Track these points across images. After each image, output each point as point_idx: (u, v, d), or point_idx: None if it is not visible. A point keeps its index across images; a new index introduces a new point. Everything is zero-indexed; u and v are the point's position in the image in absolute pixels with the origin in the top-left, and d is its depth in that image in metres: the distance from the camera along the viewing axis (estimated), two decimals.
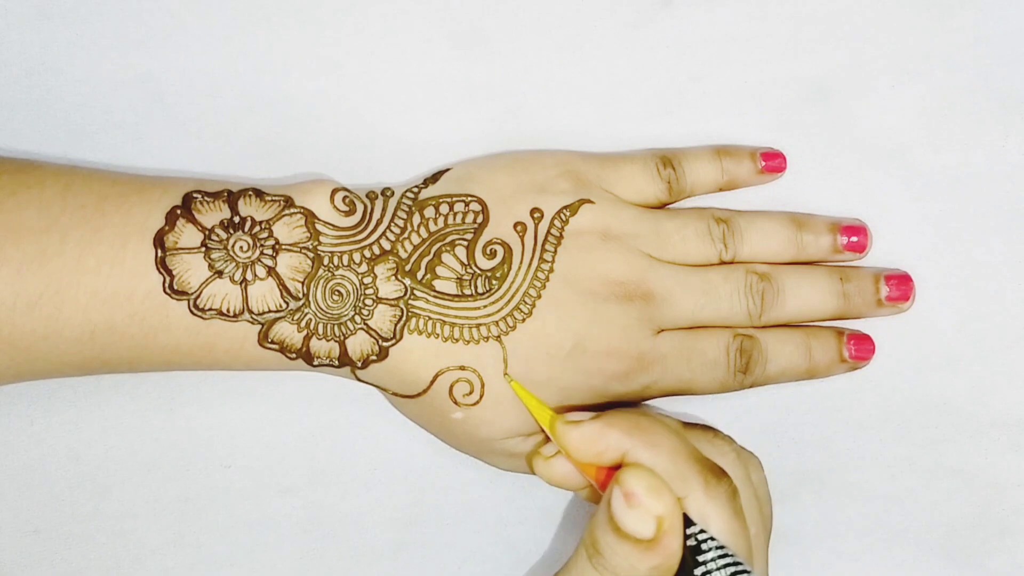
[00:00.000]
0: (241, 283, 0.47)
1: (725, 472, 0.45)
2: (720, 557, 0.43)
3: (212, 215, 0.48)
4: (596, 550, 0.43)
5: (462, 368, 0.48)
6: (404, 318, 0.48)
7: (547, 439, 0.49)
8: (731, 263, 0.52)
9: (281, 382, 0.52)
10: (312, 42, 0.53)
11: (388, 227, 0.49)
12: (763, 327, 0.53)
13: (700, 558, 0.42)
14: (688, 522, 0.43)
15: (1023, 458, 0.55)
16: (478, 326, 0.48)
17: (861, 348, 0.53)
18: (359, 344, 0.48)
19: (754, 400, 0.54)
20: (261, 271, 0.47)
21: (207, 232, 0.47)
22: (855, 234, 0.54)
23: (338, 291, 0.48)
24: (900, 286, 0.53)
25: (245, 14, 0.53)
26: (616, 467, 0.44)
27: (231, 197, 0.48)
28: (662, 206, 0.53)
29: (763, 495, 0.48)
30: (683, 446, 0.45)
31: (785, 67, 0.54)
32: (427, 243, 0.49)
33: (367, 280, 0.48)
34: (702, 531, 0.43)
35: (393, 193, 0.50)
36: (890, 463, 0.55)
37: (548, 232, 0.50)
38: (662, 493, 0.42)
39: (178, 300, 0.47)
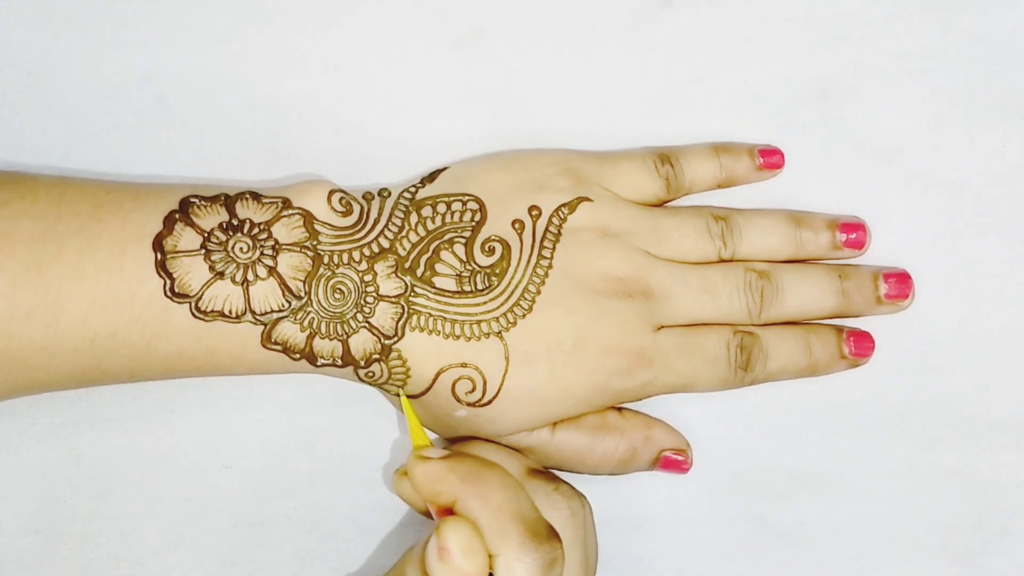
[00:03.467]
0: (242, 284, 0.47)
1: (552, 536, 0.44)
2: None
3: (210, 218, 0.48)
4: None
5: (464, 365, 0.48)
6: (405, 315, 0.48)
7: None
8: (730, 261, 0.53)
9: (282, 383, 0.52)
10: (311, 43, 0.53)
11: (386, 226, 0.49)
12: (763, 324, 0.53)
13: None
14: None
15: (1023, 458, 0.55)
16: (479, 322, 0.48)
17: (861, 345, 0.54)
18: (361, 342, 0.48)
19: (754, 400, 0.54)
20: (262, 271, 0.47)
21: (206, 235, 0.47)
22: (854, 231, 0.54)
23: (339, 289, 0.48)
24: (899, 284, 0.53)
25: (245, 16, 0.53)
26: (450, 510, 0.45)
27: (228, 200, 0.48)
28: (661, 204, 0.53)
29: (592, 544, 0.49)
30: (511, 503, 0.44)
31: (785, 67, 0.54)
32: (425, 241, 0.49)
33: (367, 278, 0.48)
34: None
35: (390, 193, 0.50)
36: (890, 463, 0.55)
37: (546, 229, 0.50)
38: (473, 555, 0.43)
39: (180, 303, 0.46)
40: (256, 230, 0.48)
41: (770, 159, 0.54)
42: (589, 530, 0.49)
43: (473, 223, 0.49)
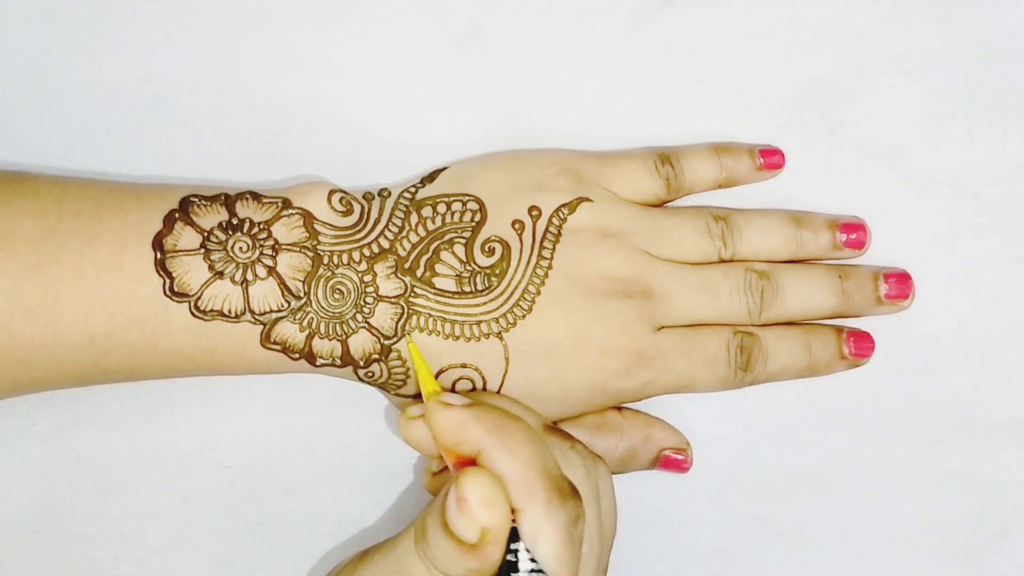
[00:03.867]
0: (242, 283, 0.47)
1: (575, 494, 0.44)
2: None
3: (210, 217, 0.48)
4: (423, 536, 0.43)
5: (464, 366, 0.48)
6: (405, 316, 0.48)
7: (420, 400, 0.48)
8: (730, 261, 0.53)
9: (282, 383, 0.52)
10: (311, 43, 0.53)
11: (386, 226, 0.49)
12: (763, 325, 0.53)
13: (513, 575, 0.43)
14: (515, 536, 0.43)
15: (1023, 458, 0.55)
16: (479, 323, 0.48)
17: (861, 345, 0.54)
18: (361, 343, 0.48)
19: (754, 400, 0.54)
20: (261, 271, 0.47)
21: (206, 234, 0.47)
22: (854, 231, 0.54)
23: (339, 289, 0.48)
24: (899, 284, 0.53)
25: (245, 16, 0.53)
26: (469, 460, 0.44)
27: (228, 200, 0.48)
28: (661, 204, 0.53)
29: (607, 508, 0.48)
30: (538, 458, 0.44)
31: (785, 67, 0.54)
32: (425, 241, 0.49)
33: (367, 278, 0.48)
34: (526, 549, 0.43)
35: (390, 194, 0.50)
36: (890, 463, 0.55)
37: (546, 230, 0.50)
38: (493, 506, 0.42)
39: (179, 302, 0.47)
40: (256, 230, 0.48)
41: (770, 159, 0.54)
42: (604, 490, 0.48)
43: (473, 223, 0.49)
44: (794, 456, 0.55)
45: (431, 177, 0.51)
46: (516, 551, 0.43)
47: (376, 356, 0.48)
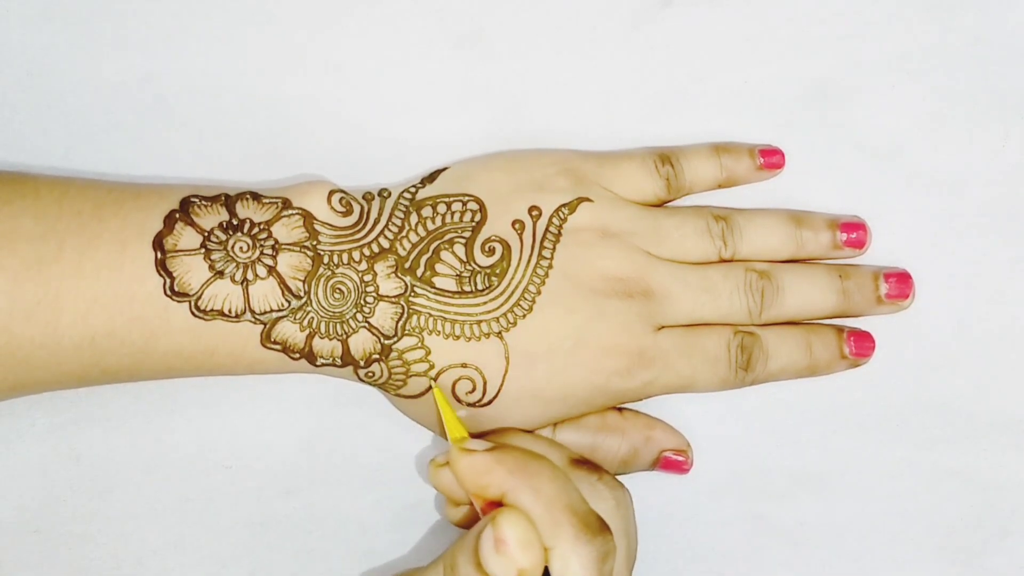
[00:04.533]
0: (242, 283, 0.47)
1: (605, 528, 0.44)
2: None
3: (210, 217, 0.48)
4: (453, 572, 0.43)
5: (464, 366, 0.48)
6: (405, 315, 0.48)
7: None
8: (731, 261, 0.53)
9: (282, 383, 0.52)
10: (311, 43, 0.53)
11: (386, 226, 0.49)
12: (763, 325, 0.53)
13: None
14: (547, 573, 0.43)
15: (1023, 458, 0.55)
16: (479, 323, 0.48)
17: (861, 345, 0.54)
18: (361, 342, 0.48)
19: (754, 400, 0.54)
20: (262, 271, 0.47)
21: (206, 234, 0.47)
22: (854, 230, 0.54)
23: (339, 289, 0.48)
24: (900, 283, 0.53)
25: (245, 16, 0.53)
26: (497, 502, 0.44)
27: (228, 200, 0.48)
28: (661, 204, 0.53)
29: (633, 538, 0.48)
30: (563, 494, 0.44)
31: (785, 67, 0.54)
32: (425, 241, 0.49)
33: (367, 278, 0.48)
34: None
35: (390, 194, 0.50)
36: (890, 463, 0.55)
37: (547, 230, 0.50)
38: (530, 548, 0.42)
39: (179, 302, 0.47)
40: (256, 230, 0.48)
41: (770, 159, 0.54)
42: (631, 520, 0.48)
43: (473, 223, 0.49)
44: (794, 456, 0.55)
45: (431, 177, 0.51)
46: None
47: (376, 356, 0.48)
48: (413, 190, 0.50)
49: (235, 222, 0.48)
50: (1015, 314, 0.55)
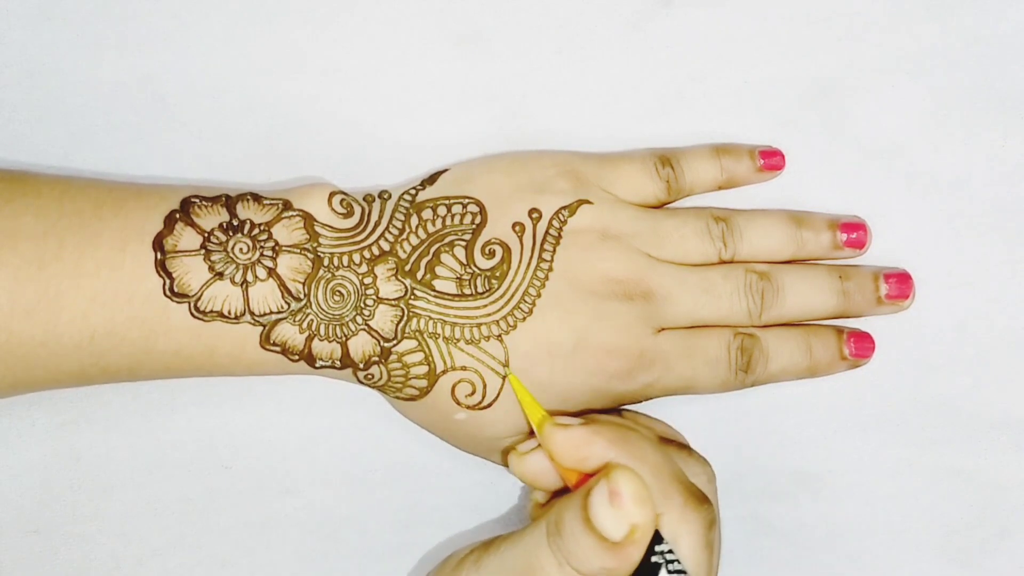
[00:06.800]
0: (242, 284, 0.47)
1: (707, 499, 0.44)
2: None
3: (211, 218, 0.48)
4: (558, 530, 0.42)
5: (464, 368, 0.48)
6: (405, 318, 0.48)
7: (530, 435, 0.48)
8: (731, 262, 0.52)
9: (282, 383, 0.52)
10: (311, 43, 0.53)
11: (387, 228, 0.49)
12: (763, 326, 0.53)
13: None
14: (659, 539, 0.43)
15: (1023, 458, 0.55)
16: (479, 325, 0.48)
17: (861, 346, 0.54)
18: (361, 345, 0.48)
19: (754, 400, 0.54)
20: (262, 272, 0.47)
21: (206, 235, 0.47)
22: (854, 231, 0.54)
23: (339, 291, 0.48)
24: (900, 284, 0.53)
25: (245, 16, 0.53)
26: (593, 475, 0.44)
27: (229, 201, 0.48)
28: (661, 205, 0.53)
29: (718, 517, 0.48)
30: (667, 464, 0.44)
31: (785, 67, 0.54)
32: (426, 244, 0.49)
33: (367, 280, 0.48)
34: (670, 551, 0.43)
35: (391, 196, 0.50)
36: (890, 463, 0.55)
37: (547, 232, 0.50)
38: (646, 504, 0.41)
39: (179, 303, 0.47)
40: (256, 231, 0.48)
41: (770, 160, 0.54)
42: (717, 497, 0.48)
43: (473, 226, 0.49)
44: (794, 456, 0.55)
45: (431, 179, 0.51)
46: (661, 552, 0.42)
47: (376, 358, 0.48)
48: (413, 192, 0.50)
49: (235, 223, 0.48)
50: (1015, 314, 0.55)
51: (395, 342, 0.48)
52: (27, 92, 0.52)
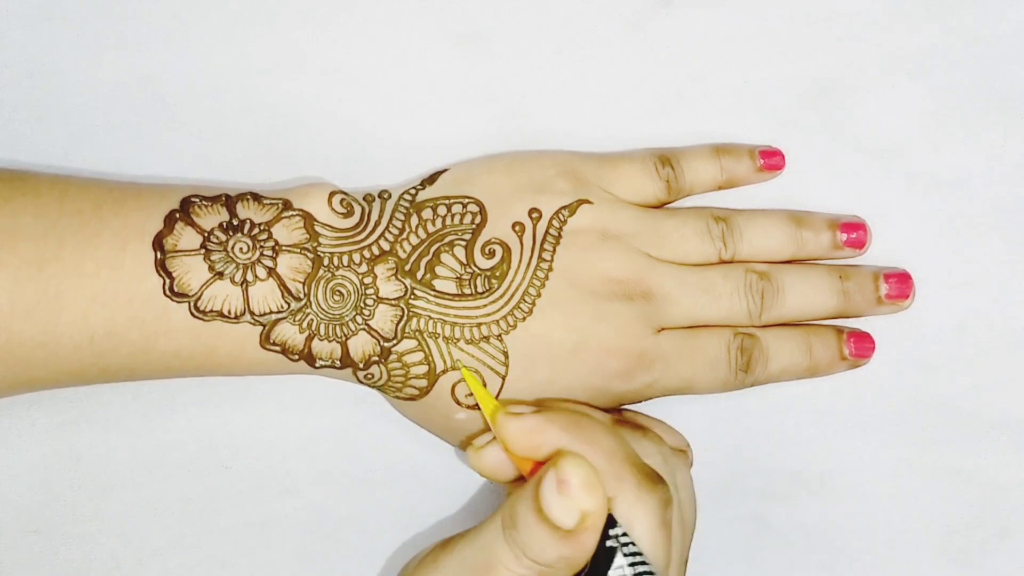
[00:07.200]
0: (242, 284, 0.47)
1: (662, 479, 0.44)
2: (635, 564, 0.42)
3: (211, 218, 0.48)
4: (512, 523, 0.42)
5: (464, 368, 0.48)
6: (405, 318, 0.48)
7: (486, 430, 0.48)
8: (731, 262, 0.52)
9: (282, 383, 0.52)
10: (311, 43, 0.53)
11: (387, 228, 0.49)
12: (763, 326, 0.53)
13: (616, 561, 0.42)
14: (612, 523, 0.43)
15: (1023, 458, 0.55)
16: (479, 325, 0.48)
17: (861, 346, 0.54)
18: (361, 345, 0.48)
19: (754, 400, 0.54)
20: (261, 272, 0.47)
21: (206, 234, 0.47)
22: (854, 230, 0.54)
23: (339, 291, 0.48)
24: (900, 284, 0.53)
25: (245, 16, 0.53)
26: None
27: (229, 201, 0.48)
28: (661, 205, 0.53)
29: (686, 499, 0.48)
30: (620, 447, 0.44)
31: (785, 67, 0.54)
32: (426, 243, 0.49)
33: (367, 280, 0.48)
34: (624, 535, 0.43)
35: (390, 195, 0.50)
36: (890, 463, 0.55)
37: (547, 232, 0.50)
38: (595, 489, 0.41)
39: (178, 302, 0.47)
40: (256, 231, 0.48)
41: (770, 160, 0.54)
42: (682, 481, 0.48)
43: (473, 226, 0.49)
44: (794, 456, 0.55)
45: (431, 179, 0.51)
46: (616, 536, 0.42)
47: (376, 358, 0.48)
48: (413, 192, 0.50)
49: (235, 223, 0.48)
50: (1015, 314, 0.55)
51: (395, 342, 0.48)
52: (27, 92, 0.52)
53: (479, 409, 0.48)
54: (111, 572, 0.54)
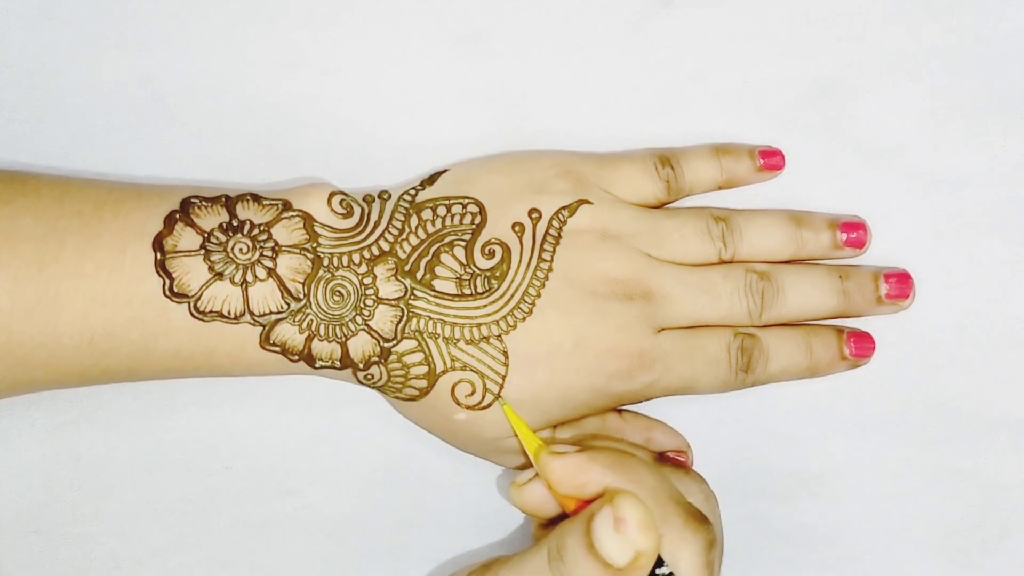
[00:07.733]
0: (241, 284, 0.47)
1: (707, 520, 0.45)
2: None
3: (210, 219, 0.48)
4: (560, 555, 0.43)
5: (464, 369, 0.48)
6: (405, 318, 0.48)
7: (527, 465, 0.49)
8: (731, 262, 0.52)
9: (282, 383, 0.52)
10: (311, 43, 0.53)
11: (386, 229, 0.49)
12: (763, 326, 0.53)
13: None
14: (659, 561, 0.43)
15: (1023, 458, 0.55)
16: (479, 325, 0.48)
17: (861, 346, 0.54)
18: (360, 345, 0.48)
19: (754, 400, 0.54)
20: (261, 272, 0.47)
21: (206, 235, 0.47)
22: (854, 230, 0.54)
23: (339, 292, 0.48)
24: (900, 284, 0.53)
25: (245, 16, 0.53)
26: (591, 500, 0.44)
27: (229, 201, 0.48)
28: (661, 205, 0.53)
29: (720, 535, 0.48)
30: (664, 486, 0.44)
31: (785, 67, 0.54)
32: (425, 244, 0.49)
33: (367, 280, 0.48)
34: (671, 574, 0.43)
35: (390, 196, 0.50)
36: (890, 463, 0.55)
37: (546, 232, 0.50)
38: (651, 530, 0.41)
39: (178, 303, 0.47)
40: (256, 231, 0.48)
41: (770, 160, 0.54)
42: (718, 515, 0.48)
43: (473, 226, 0.49)
44: (794, 456, 0.55)
45: (431, 179, 0.51)
46: (661, 575, 0.42)
47: (375, 359, 0.48)
48: (413, 192, 0.50)
49: (235, 223, 0.48)
50: (1015, 314, 0.55)
51: (395, 342, 0.48)
52: (27, 92, 0.52)
53: (516, 437, 0.49)
54: (111, 572, 0.54)
